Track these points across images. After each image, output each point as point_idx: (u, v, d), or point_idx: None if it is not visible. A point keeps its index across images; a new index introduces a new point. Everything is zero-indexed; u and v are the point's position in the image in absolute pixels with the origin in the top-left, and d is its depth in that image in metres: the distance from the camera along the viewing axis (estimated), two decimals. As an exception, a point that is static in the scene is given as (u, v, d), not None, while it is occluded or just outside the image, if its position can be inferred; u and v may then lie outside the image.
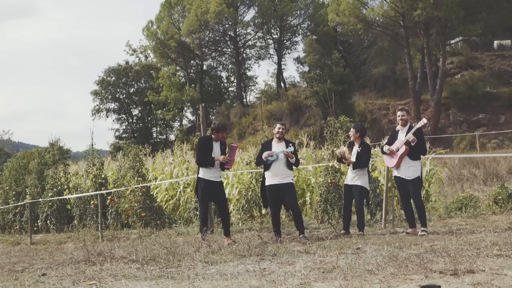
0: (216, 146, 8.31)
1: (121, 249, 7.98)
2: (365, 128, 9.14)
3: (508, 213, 10.03)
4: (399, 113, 8.29)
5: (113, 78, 49.28)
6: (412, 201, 8.21)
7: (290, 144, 8.21)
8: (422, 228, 7.97)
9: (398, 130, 8.26)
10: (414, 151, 7.97)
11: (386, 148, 8.26)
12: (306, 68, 43.96)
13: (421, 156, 8.25)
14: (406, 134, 8.00)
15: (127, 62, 49.95)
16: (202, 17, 41.42)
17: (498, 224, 8.63)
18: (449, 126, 32.39)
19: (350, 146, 8.72)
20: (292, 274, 5.26)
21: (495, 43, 39.47)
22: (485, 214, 10.08)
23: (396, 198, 10.89)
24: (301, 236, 8.02)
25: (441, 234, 7.79)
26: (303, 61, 44.44)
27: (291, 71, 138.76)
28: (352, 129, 8.71)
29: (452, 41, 37.22)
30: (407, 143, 7.91)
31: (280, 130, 8.20)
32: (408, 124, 8.17)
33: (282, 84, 47.01)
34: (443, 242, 6.78)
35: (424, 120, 8.18)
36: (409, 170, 7.99)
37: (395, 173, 8.24)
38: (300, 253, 6.51)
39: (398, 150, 8.03)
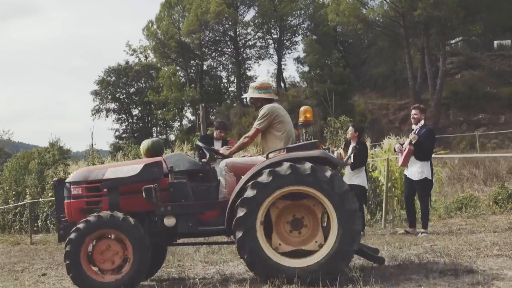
0: (218, 144, 8.30)
1: (121, 249, 7.96)
2: (364, 128, 9.17)
3: (508, 213, 10.03)
4: (412, 111, 8.24)
5: (113, 78, 49.21)
6: (417, 201, 8.23)
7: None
8: (422, 230, 7.95)
9: (413, 129, 8.25)
10: (419, 152, 7.88)
11: (397, 146, 8.34)
12: (306, 68, 43.91)
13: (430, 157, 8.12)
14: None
15: (127, 62, 49.88)
16: (202, 17, 41.40)
17: (498, 224, 8.62)
18: (449, 126, 32.37)
19: (347, 145, 8.72)
20: (292, 274, 5.25)
21: (495, 43, 39.45)
22: (485, 214, 10.08)
23: (396, 198, 10.88)
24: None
25: (441, 234, 7.78)
26: (303, 61, 44.37)
27: (291, 71, 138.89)
28: (351, 128, 8.59)
29: (452, 41, 37.19)
30: (410, 142, 7.90)
31: None
32: (420, 123, 8.08)
33: (282, 84, 46.98)
34: (443, 242, 6.77)
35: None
36: (416, 171, 7.95)
37: (406, 171, 8.24)
38: (300, 253, 6.50)
39: (405, 149, 8.03)
